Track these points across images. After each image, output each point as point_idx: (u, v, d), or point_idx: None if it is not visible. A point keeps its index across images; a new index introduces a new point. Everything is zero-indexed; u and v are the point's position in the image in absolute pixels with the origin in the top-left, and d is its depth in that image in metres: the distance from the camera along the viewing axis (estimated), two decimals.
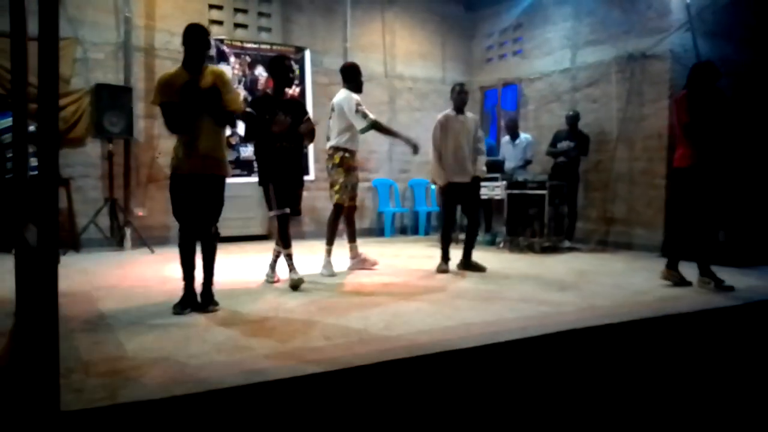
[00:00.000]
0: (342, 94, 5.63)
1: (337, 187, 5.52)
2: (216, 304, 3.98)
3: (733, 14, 7.51)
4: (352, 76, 5.74)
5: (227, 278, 5.07)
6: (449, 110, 5.79)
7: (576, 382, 3.39)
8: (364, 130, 5.53)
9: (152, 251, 6.62)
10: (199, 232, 3.99)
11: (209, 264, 4.03)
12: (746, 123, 7.75)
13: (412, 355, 2.99)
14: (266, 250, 6.27)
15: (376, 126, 5.59)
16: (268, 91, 5.04)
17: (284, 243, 4.85)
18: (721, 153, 5.01)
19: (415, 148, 5.74)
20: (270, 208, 4.87)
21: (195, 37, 3.87)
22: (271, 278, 5.04)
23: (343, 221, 5.70)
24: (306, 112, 5.04)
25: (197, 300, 3.97)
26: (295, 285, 4.65)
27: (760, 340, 4.28)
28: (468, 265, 5.73)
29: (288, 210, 4.84)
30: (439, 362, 3.03)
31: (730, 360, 4.03)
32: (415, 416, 2.88)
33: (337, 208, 5.55)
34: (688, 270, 5.09)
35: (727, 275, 5.60)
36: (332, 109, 5.65)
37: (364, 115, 5.51)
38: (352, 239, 5.78)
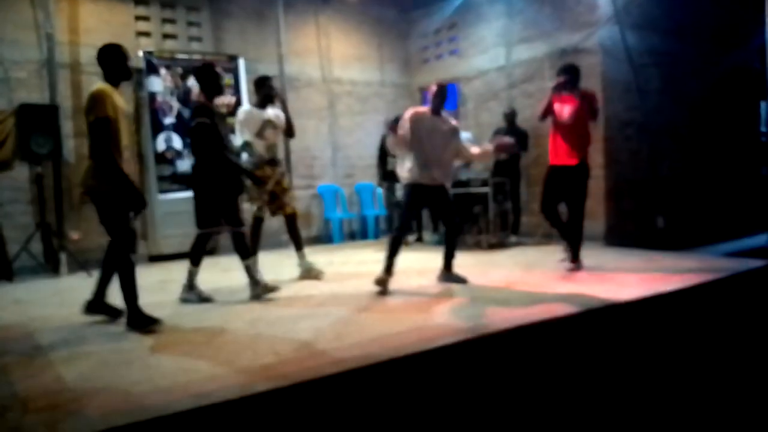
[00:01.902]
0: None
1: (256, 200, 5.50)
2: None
3: (658, 6, 7.80)
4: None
5: (167, 297, 4.91)
6: (424, 108, 5.37)
7: (528, 379, 3.42)
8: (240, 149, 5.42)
9: (90, 275, 6.34)
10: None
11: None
12: (676, 113, 8.06)
13: (365, 364, 2.97)
14: (210, 266, 6.13)
15: (245, 148, 5.45)
16: (202, 100, 4.81)
17: (194, 260, 4.80)
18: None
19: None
20: (210, 225, 4.76)
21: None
22: (257, 291, 4.80)
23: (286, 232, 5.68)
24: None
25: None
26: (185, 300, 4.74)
27: (701, 322, 4.43)
28: (450, 277, 5.23)
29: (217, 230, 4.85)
30: (392, 369, 3.01)
31: (677, 342, 4.15)
32: (371, 426, 2.85)
33: (257, 221, 5.54)
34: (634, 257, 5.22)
35: (668, 260, 5.83)
36: None
37: (242, 133, 5.48)
38: (298, 248, 5.71)
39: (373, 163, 8.69)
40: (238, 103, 7.91)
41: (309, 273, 5.67)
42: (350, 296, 4.78)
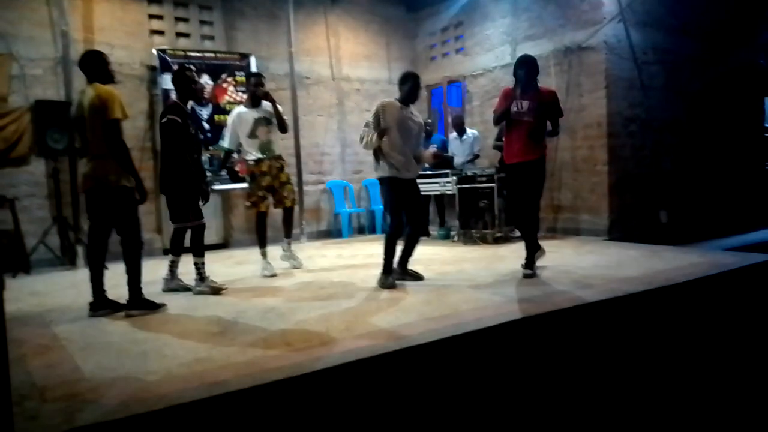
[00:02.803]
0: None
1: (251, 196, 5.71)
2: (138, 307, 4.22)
3: (662, 3, 7.85)
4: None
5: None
6: (393, 99, 5.08)
7: (534, 370, 3.50)
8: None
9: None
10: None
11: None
12: (679, 109, 8.11)
13: (374, 354, 3.03)
14: (224, 258, 6.29)
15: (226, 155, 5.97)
16: (176, 100, 4.92)
17: (197, 251, 4.97)
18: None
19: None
20: (190, 219, 4.90)
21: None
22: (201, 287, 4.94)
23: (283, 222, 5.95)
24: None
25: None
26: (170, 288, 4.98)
27: (704, 316, 4.51)
28: (406, 272, 5.11)
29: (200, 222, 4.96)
30: (402, 359, 3.07)
31: (680, 336, 4.23)
32: (381, 416, 2.93)
33: (258, 216, 5.74)
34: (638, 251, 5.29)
35: (670, 254, 5.89)
36: None
37: (228, 138, 5.81)
38: (287, 235, 6.00)
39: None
40: None
41: (290, 261, 6.00)
42: (359, 288, 4.88)
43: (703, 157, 8.43)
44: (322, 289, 4.96)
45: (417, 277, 5.09)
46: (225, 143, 5.80)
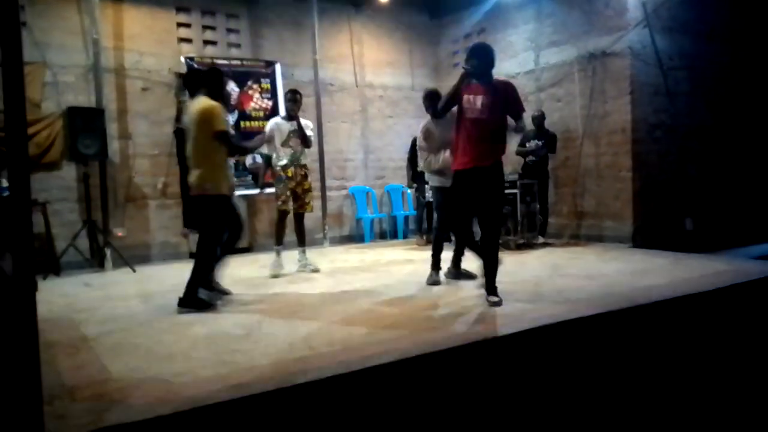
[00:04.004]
0: None
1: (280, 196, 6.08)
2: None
3: (687, 9, 7.77)
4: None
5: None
6: (429, 119, 5.28)
7: (556, 376, 3.50)
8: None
9: (134, 270, 6.65)
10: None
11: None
12: (705, 115, 8.01)
13: (396, 359, 3.06)
14: (249, 262, 6.38)
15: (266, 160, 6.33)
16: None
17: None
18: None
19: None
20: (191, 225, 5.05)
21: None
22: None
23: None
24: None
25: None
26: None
27: (730, 325, 4.45)
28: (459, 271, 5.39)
29: None
30: (423, 365, 3.10)
31: (705, 345, 4.18)
32: (402, 420, 2.95)
33: (280, 214, 6.10)
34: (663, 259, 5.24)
35: (695, 262, 5.82)
36: None
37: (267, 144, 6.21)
38: (301, 243, 6.27)
39: (403, 165, 8.89)
40: (275, 107, 8.15)
41: (307, 268, 6.20)
42: (381, 292, 4.92)
43: (730, 164, 8.31)
44: (344, 293, 5.01)
45: (470, 276, 5.26)
46: (264, 150, 6.19)
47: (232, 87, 7.91)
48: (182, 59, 7.64)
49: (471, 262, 5.05)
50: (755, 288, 4.79)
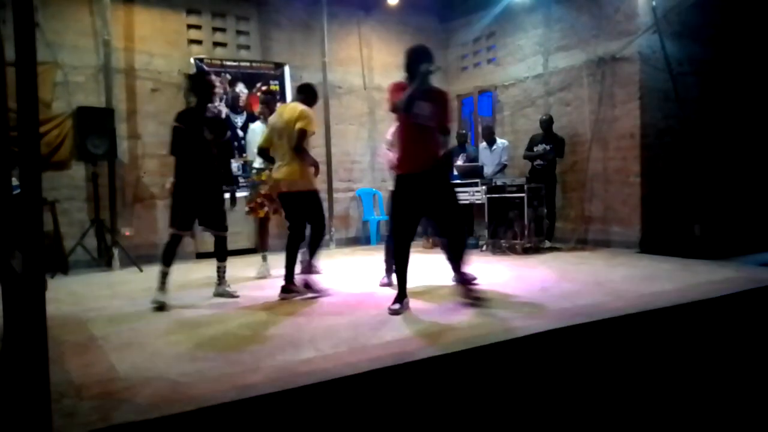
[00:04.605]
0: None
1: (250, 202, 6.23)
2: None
3: (698, 15, 7.74)
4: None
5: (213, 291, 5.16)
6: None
7: (562, 381, 3.49)
8: None
9: (141, 270, 6.68)
10: None
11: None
12: (715, 121, 7.98)
13: (403, 362, 3.05)
14: (254, 263, 6.39)
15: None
16: (192, 106, 5.04)
17: (165, 260, 4.74)
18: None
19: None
20: (170, 224, 4.89)
21: None
22: (219, 290, 5.11)
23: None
24: (226, 130, 5.18)
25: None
26: (158, 306, 4.59)
27: (739, 332, 4.42)
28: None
29: (181, 233, 4.81)
30: (429, 367, 3.09)
31: (713, 352, 4.15)
32: (407, 423, 2.95)
33: (260, 221, 6.30)
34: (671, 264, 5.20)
35: (704, 268, 5.78)
36: None
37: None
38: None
39: None
40: None
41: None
42: (388, 295, 4.88)
43: (739, 170, 8.27)
44: (350, 295, 5.02)
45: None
46: (249, 156, 6.34)
47: (241, 89, 7.97)
48: (192, 61, 7.68)
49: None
50: (764, 295, 4.75)
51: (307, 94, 5.21)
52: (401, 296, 4.30)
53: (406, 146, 4.35)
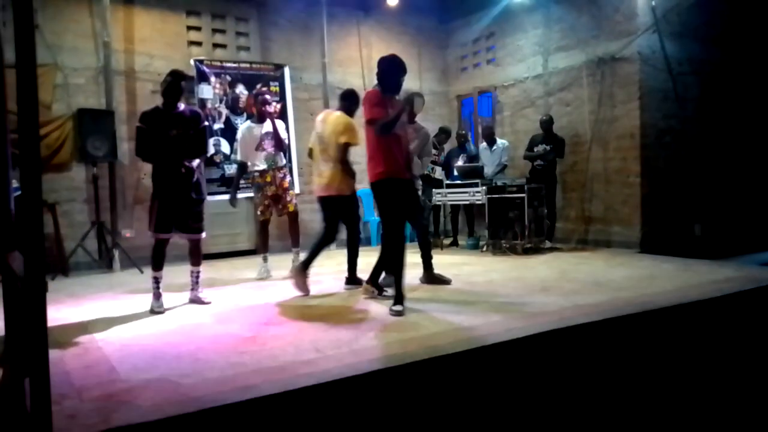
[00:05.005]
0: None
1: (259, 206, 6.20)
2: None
3: (698, 14, 7.75)
4: None
5: (216, 293, 5.18)
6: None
7: (562, 382, 3.49)
8: None
9: (141, 271, 6.68)
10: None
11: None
12: (714, 121, 7.99)
13: (403, 362, 3.06)
14: (254, 264, 6.39)
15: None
16: (159, 105, 4.71)
17: (154, 264, 4.68)
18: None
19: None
20: (148, 227, 4.74)
21: None
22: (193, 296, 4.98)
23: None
24: (196, 124, 4.72)
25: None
26: (154, 312, 4.58)
27: (739, 332, 4.43)
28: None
29: (160, 236, 4.66)
30: (430, 368, 3.10)
31: (713, 352, 4.16)
32: (408, 423, 2.95)
33: (261, 224, 6.22)
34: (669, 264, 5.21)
35: (705, 268, 5.79)
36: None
37: (239, 151, 6.30)
38: (294, 245, 6.23)
39: None
40: (284, 110, 8.18)
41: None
42: (388, 295, 4.90)
43: (739, 170, 8.28)
44: (351, 296, 5.02)
45: (444, 281, 5.42)
46: (238, 156, 6.26)
47: (241, 90, 7.97)
48: (192, 62, 7.68)
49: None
50: (764, 295, 4.76)
51: (350, 101, 5.35)
52: (401, 297, 4.32)
53: (386, 153, 4.38)
